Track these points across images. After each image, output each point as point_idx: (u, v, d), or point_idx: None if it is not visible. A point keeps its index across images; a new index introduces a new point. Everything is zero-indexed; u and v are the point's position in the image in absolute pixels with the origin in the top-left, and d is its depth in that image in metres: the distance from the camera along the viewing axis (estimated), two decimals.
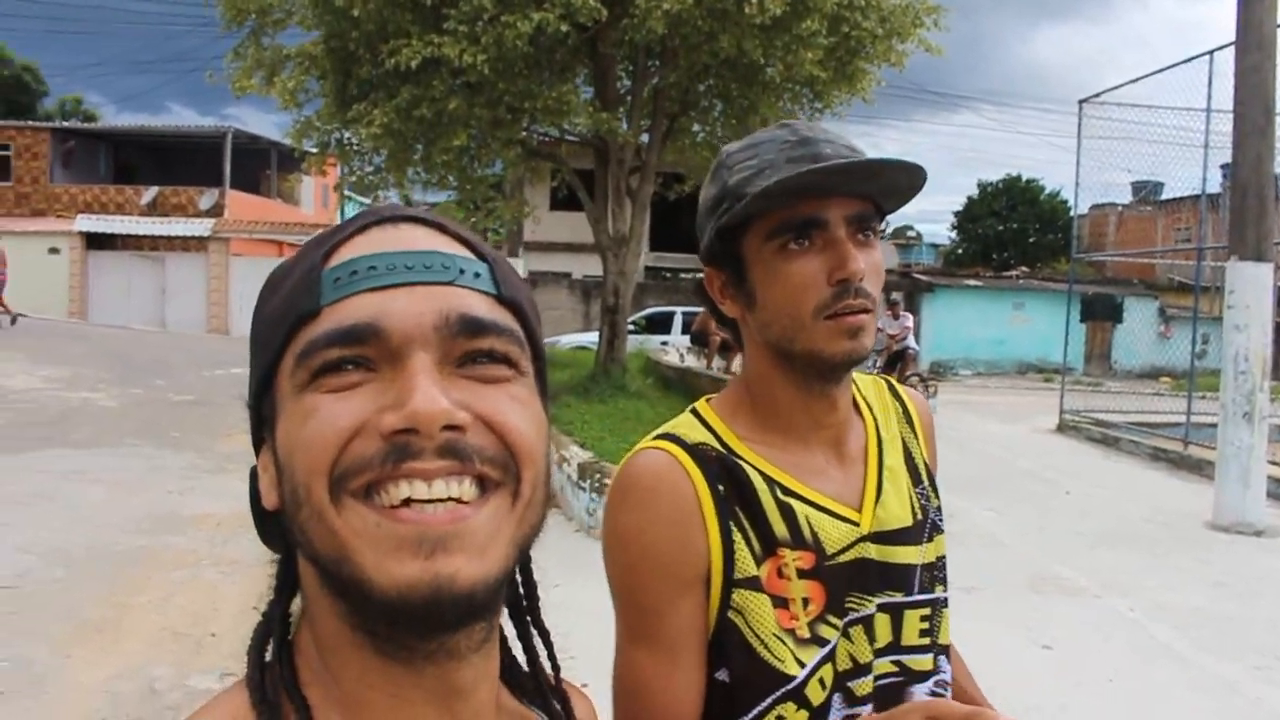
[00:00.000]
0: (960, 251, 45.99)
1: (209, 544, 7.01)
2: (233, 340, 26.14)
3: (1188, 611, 5.97)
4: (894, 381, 1.36)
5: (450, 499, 0.59)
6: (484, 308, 0.65)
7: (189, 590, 5.98)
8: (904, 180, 1.13)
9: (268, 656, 0.67)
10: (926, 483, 1.27)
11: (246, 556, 6.74)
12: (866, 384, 1.32)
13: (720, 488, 1.12)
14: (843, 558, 1.14)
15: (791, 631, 1.10)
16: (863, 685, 1.13)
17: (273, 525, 0.69)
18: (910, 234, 61.06)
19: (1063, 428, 14.68)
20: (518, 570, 0.73)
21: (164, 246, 28.75)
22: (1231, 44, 9.04)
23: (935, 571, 1.23)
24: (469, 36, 10.37)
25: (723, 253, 1.18)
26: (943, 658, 1.22)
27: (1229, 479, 8.49)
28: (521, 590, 0.77)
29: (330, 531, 0.59)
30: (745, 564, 1.10)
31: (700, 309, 18.77)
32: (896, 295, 19.15)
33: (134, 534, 7.09)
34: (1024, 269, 37.18)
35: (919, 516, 1.23)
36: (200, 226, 28.43)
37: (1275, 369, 8.77)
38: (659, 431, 1.20)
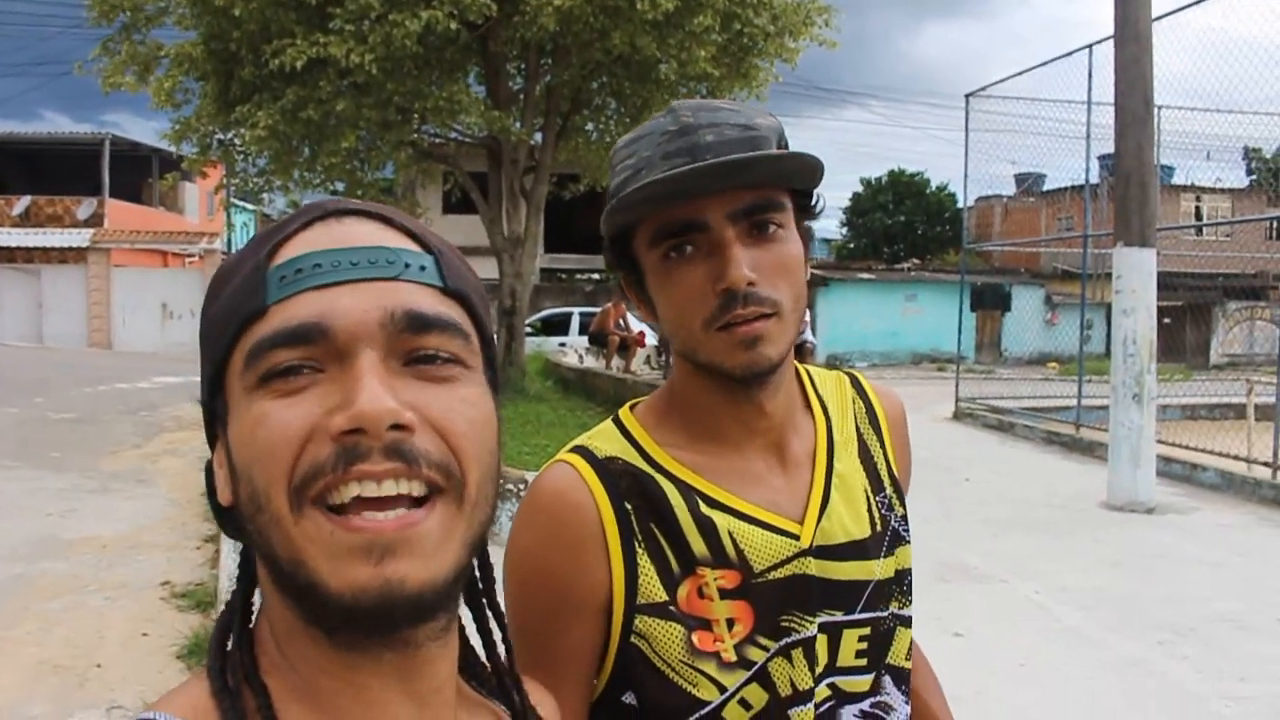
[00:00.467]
0: (851, 246, 46.83)
1: (94, 569, 6.69)
2: (116, 355, 25.20)
3: (1090, 592, 6.09)
4: (860, 377, 1.25)
5: (400, 494, 0.59)
6: (429, 302, 0.65)
7: (71, 619, 5.68)
8: (790, 166, 1.01)
9: (229, 646, 0.67)
10: (890, 490, 1.16)
11: (136, 579, 6.45)
12: (826, 379, 1.21)
13: (628, 505, 1.02)
14: (775, 574, 1.04)
15: (716, 655, 1.01)
16: (803, 713, 1.04)
17: (231, 517, 0.70)
18: None
19: (959, 415, 15.01)
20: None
21: (39, 259, 27.52)
22: (1110, 38, 9.30)
23: (894, 586, 1.13)
24: (356, 36, 10.14)
25: (620, 259, 1.08)
26: (888, 678, 1.11)
27: (1121, 460, 8.73)
28: (478, 574, 0.76)
29: (288, 538, 0.60)
30: (651, 589, 1.01)
31: (598, 309, 18.77)
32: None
33: (10, 562, 6.73)
34: (915, 261, 37.99)
35: (878, 528, 1.12)
36: (78, 237, 27.31)
37: (1158, 351, 9.03)
38: (573, 443, 1.10)
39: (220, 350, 0.65)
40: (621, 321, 17.32)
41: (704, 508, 1.04)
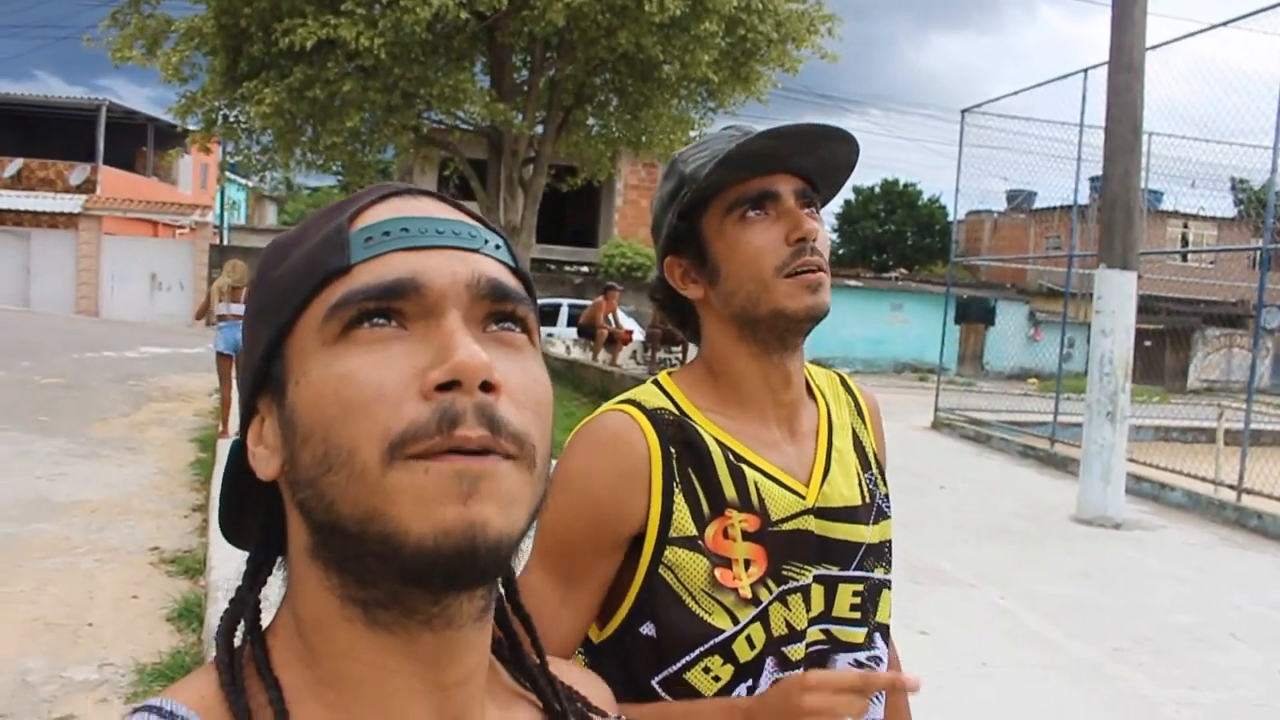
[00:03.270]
0: (841, 252, 47.04)
1: (84, 531, 6.79)
2: (103, 322, 25.15)
3: (1054, 600, 6.28)
4: (846, 376, 1.45)
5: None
6: (506, 275, 0.67)
7: (63, 579, 5.79)
8: (843, 154, 1.24)
9: (238, 640, 0.66)
10: (875, 470, 1.36)
11: (125, 544, 6.56)
12: (820, 376, 1.41)
13: (672, 450, 1.19)
14: (785, 526, 1.21)
15: (734, 590, 1.17)
16: (796, 651, 1.21)
17: (247, 510, 0.71)
18: None
19: (938, 425, 15.20)
20: None
21: (29, 222, 27.39)
22: (1105, 64, 9.50)
23: (880, 553, 1.31)
24: (366, 19, 10.23)
25: (685, 234, 1.27)
26: (878, 635, 1.29)
27: (1092, 475, 8.94)
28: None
29: (370, 491, 0.58)
30: (683, 524, 1.17)
31: (587, 301, 18.87)
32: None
33: (1, 521, 6.81)
34: (902, 271, 38.22)
35: (866, 499, 1.31)
36: (70, 202, 27.22)
37: (1136, 372, 9.24)
38: (621, 397, 1.27)
39: (289, 311, 0.64)
40: (611, 316, 17.45)
41: (734, 460, 1.22)
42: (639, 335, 18.94)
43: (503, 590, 0.75)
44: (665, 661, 1.17)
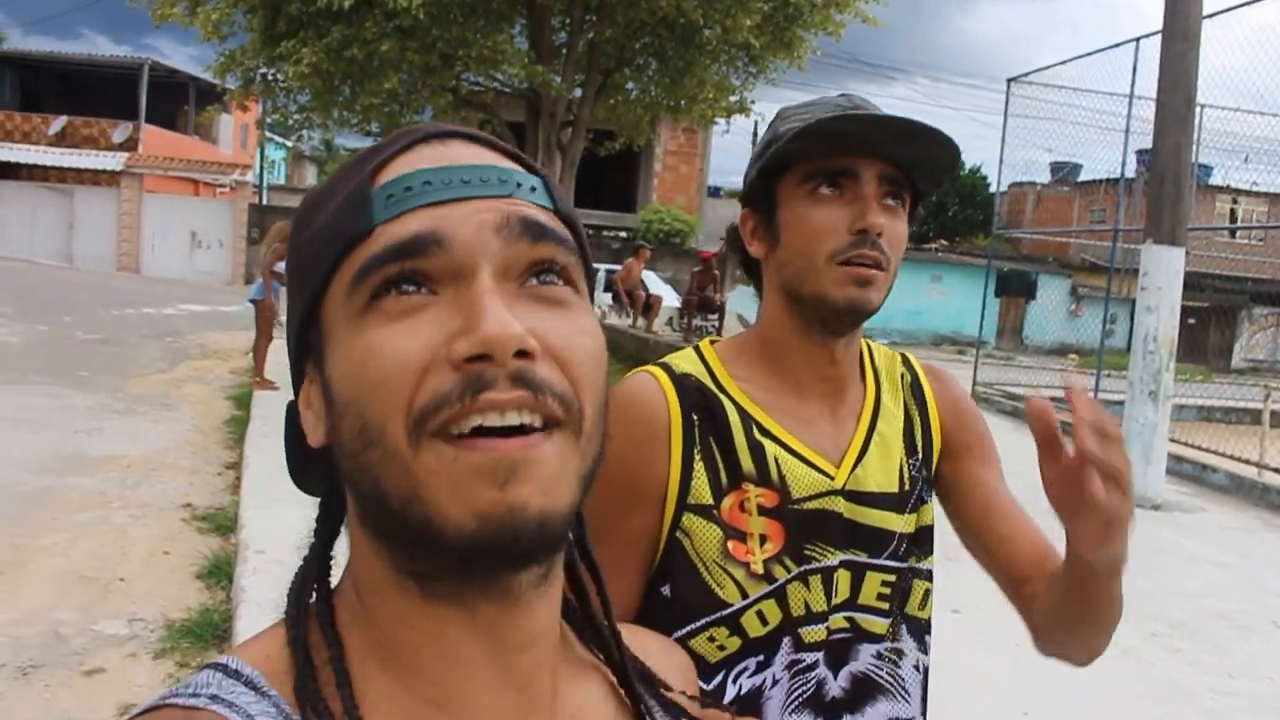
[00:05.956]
0: None
1: (118, 486, 6.86)
2: (144, 279, 25.43)
3: None
4: (911, 357, 1.37)
5: (522, 424, 0.56)
6: (544, 216, 0.62)
7: (96, 533, 5.85)
8: (939, 154, 1.17)
9: (312, 598, 0.65)
10: (922, 454, 1.29)
11: (158, 500, 6.61)
12: (880, 354, 1.34)
13: (694, 417, 1.16)
14: (808, 505, 1.17)
15: (746, 565, 1.13)
16: (813, 633, 1.15)
17: (311, 464, 0.67)
18: None
19: (975, 399, 14.98)
20: None
21: (73, 179, 27.73)
22: (1158, 32, 9.24)
23: (919, 541, 1.26)
24: None
25: (760, 192, 1.22)
26: (904, 627, 1.23)
27: (1133, 455, 8.69)
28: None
29: (405, 472, 0.56)
30: (700, 491, 1.14)
31: (619, 266, 18.82)
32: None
33: (38, 474, 6.90)
34: (943, 242, 37.80)
35: (906, 487, 1.25)
36: (113, 160, 27.46)
37: (1179, 350, 9.05)
38: (657, 360, 1.25)
39: (318, 277, 0.61)
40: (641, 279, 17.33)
41: (757, 433, 1.18)
42: (671, 300, 18.85)
43: (573, 540, 0.72)
44: (676, 624, 1.13)
